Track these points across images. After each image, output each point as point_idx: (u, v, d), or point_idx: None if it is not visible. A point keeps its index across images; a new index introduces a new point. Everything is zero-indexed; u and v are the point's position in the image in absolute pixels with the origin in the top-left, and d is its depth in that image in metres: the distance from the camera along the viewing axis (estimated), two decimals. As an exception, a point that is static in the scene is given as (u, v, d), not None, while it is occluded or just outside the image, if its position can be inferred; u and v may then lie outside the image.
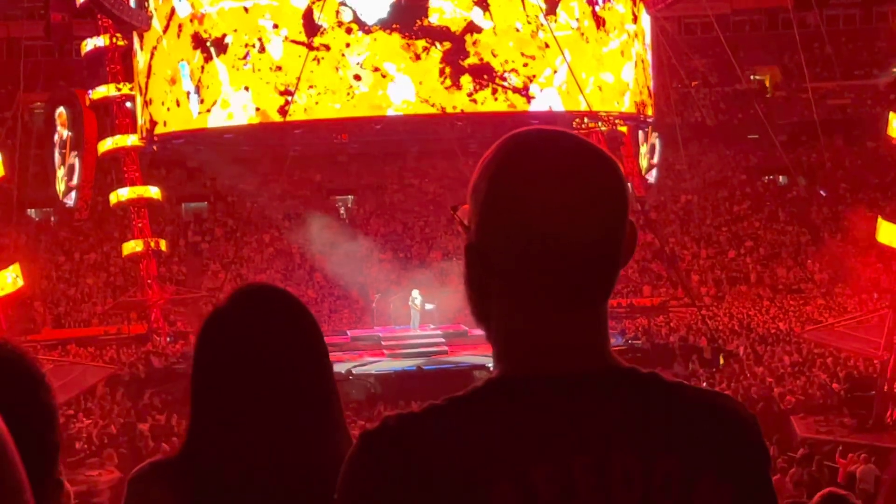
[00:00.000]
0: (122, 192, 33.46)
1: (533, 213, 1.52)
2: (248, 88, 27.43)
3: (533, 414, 1.50)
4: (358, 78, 26.77)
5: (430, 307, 32.28)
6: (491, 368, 1.62)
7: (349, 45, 26.74)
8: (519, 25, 27.24)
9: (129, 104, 32.71)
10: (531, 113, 27.62)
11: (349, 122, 28.67)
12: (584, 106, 27.71)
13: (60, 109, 35.05)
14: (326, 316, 35.75)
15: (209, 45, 27.77)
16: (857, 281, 36.00)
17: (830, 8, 47.44)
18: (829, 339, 25.33)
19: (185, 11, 28.25)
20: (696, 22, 46.43)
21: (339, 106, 27.14)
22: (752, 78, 48.10)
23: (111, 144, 33.29)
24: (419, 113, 27.67)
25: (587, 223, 1.54)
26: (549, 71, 27.52)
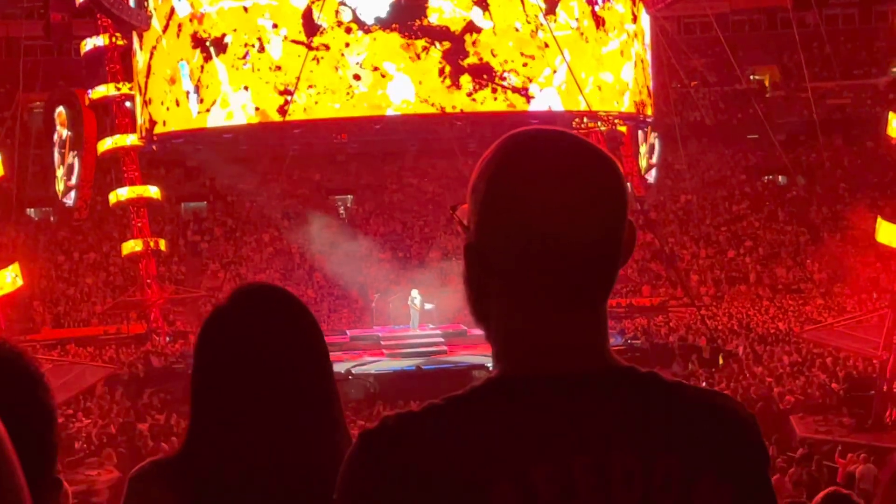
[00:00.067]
0: (121, 191, 33.46)
1: (532, 212, 1.52)
2: (247, 88, 27.42)
3: (532, 414, 1.50)
4: (357, 78, 26.77)
5: (429, 307, 32.28)
6: (490, 368, 1.62)
7: (349, 44, 26.74)
8: (518, 25, 27.24)
9: (128, 104, 32.71)
10: (531, 113, 27.61)
11: (348, 121, 28.66)
12: (583, 106, 27.71)
13: (60, 109, 35.03)
14: (326, 315, 35.74)
15: (208, 44, 27.77)
16: (856, 281, 36.02)
17: (829, 7, 47.47)
18: (828, 338, 25.34)
19: (184, 11, 28.25)
20: (695, 21, 46.44)
21: (338, 106, 27.15)
22: (751, 77, 48.10)
23: (110, 144, 33.29)
24: (419, 113, 27.67)
25: (586, 223, 1.54)
26: (548, 71, 27.52)
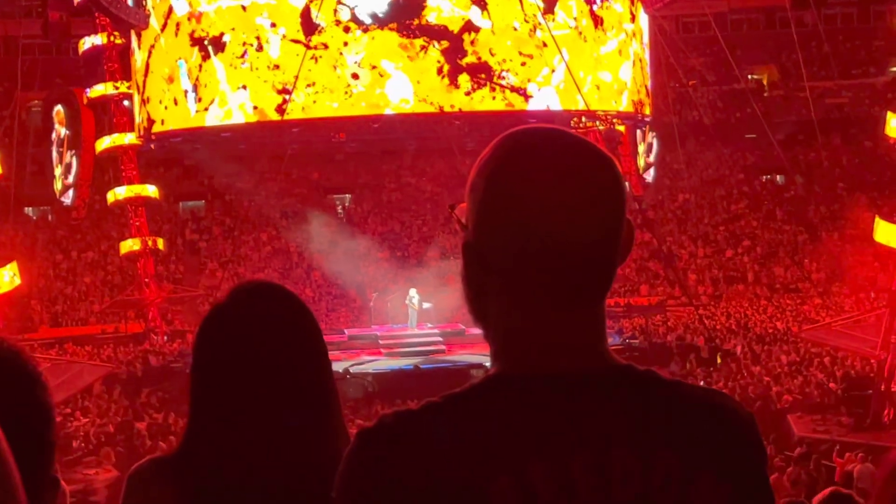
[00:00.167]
0: (119, 190, 33.45)
1: (530, 211, 1.52)
2: (245, 87, 27.42)
3: (531, 412, 1.50)
4: (356, 77, 26.77)
5: (427, 306, 32.29)
6: (488, 367, 1.62)
7: (347, 43, 26.74)
8: (517, 24, 27.25)
9: (126, 103, 32.69)
10: (529, 112, 27.61)
11: (347, 120, 28.65)
12: (581, 105, 27.71)
13: (58, 108, 35.02)
14: (324, 315, 35.73)
15: (207, 43, 27.76)
16: (854, 280, 36.04)
17: (828, 7, 47.35)
18: (826, 338, 25.33)
19: (182, 10, 28.24)
20: (693, 21, 46.45)
21: (336, 105, 27.14)
22: (749, 77, 48.09)
23: (109, 143, 33.27)
24: (417, 112, 27.67)
25: (585, 222, 1.53)
26: (546, 70, 27.52)
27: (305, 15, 26.75)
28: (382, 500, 1.47)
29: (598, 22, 28.71)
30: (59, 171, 35.02)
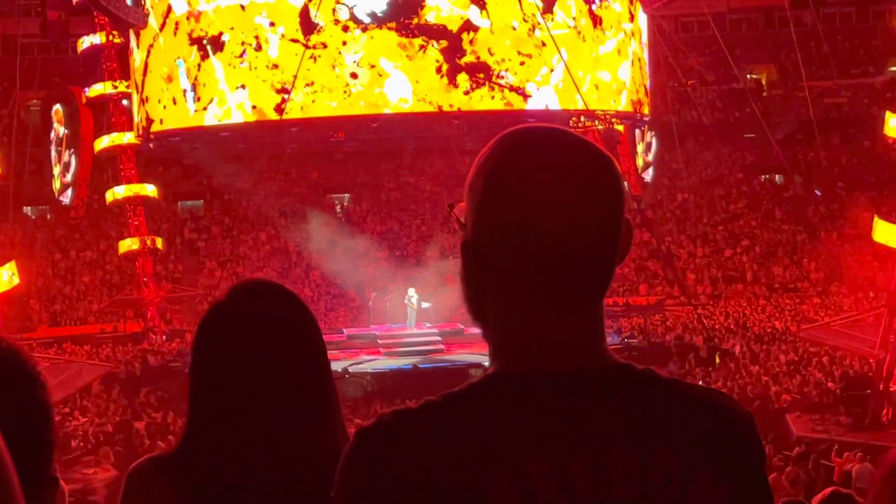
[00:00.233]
0: (118, 189, 33.45)
1: (529, 210, 1.52)
2: (244, 86, 27.41)
3: (530, 411, 1.50)
4: (355, 76, 26.77)
5: (426, 305, 32.26)
6: (487, 366, 1.62)
7: (346, 42, 26.73)
8: (515, 24, 27.25)
9: (125, 102, 32.67)
10: (528, 111, 27.60)
11: (346, 120, 28.64)
12: (580, 104, 27.71)
13: (57, 107, 35.01)
14: (323, 314, 35.71)
15: (206, 42, 27.75)
16: (853, 280, 36.05)
17: (827, 6, 47.38)
18: (825, 337, 25.34)
19: (181, 9, 28.22)
20: (692, 20, 46.46)
21: (335, 104, 27.14)
22: (748, 76, 48.13)
23: (108, 142, 33.27)
24: (416, 111, 27.66)
25: (584, 221, 1.53)
26: (545, 69, 27.52)
27: (304, 14, 26.74)
28: (381, 499, 1.47)
29: (596, 21, 28.70)
30: (57, 170, 35.03)
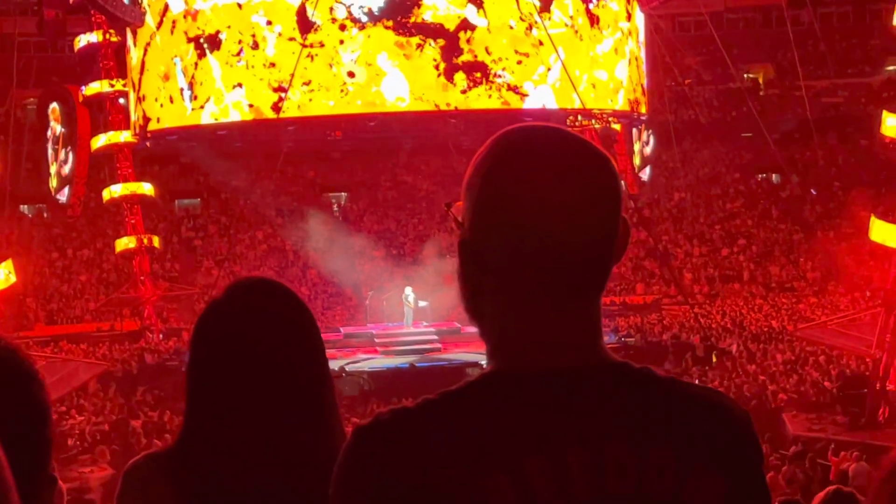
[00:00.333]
0: (115, 188, 33.42)
1: (526, 210, 1.52)
2: (241, 85, 27.39)
3: (527, 408, 1.50)
4: (352, 75, 26.76)
5: (423, 304, 32.25)
6: (484, 366, 1.62)
7: (343, 41, 26.72)
8: (513, 23, 27.25)
9: (122, 100, 32.65)
10: (525, 110, 27.60)
11: (343, 118, 28.63)
12: (577, 103, 27.72)
13: (53, 105, 34.98)
14: (320, 313, 35.67)
15: (202, 41, 27.73)
16: (849, 279, 36.05)
17: (824, 6, 47.47)
18: (821, 337, 25.39)
19: (178, 8, 28.20)
20: (689, 20, 46.46)
21: (332, 103, 27.12)
22: (745, 76, 48.14)
23: (104, 141, 33.23)
24: (413, 110, 27.65)
25: (581, 220, 1.53)
26: (542, 68, 27.52)
27: (301, 13, 26.72)
28: (379, 497, 1.47)
29: (594, 20, 28.70)
30: (54, 168, 35.01)
